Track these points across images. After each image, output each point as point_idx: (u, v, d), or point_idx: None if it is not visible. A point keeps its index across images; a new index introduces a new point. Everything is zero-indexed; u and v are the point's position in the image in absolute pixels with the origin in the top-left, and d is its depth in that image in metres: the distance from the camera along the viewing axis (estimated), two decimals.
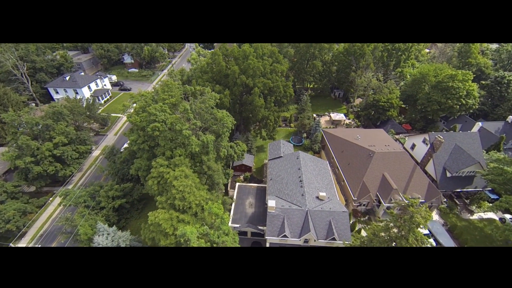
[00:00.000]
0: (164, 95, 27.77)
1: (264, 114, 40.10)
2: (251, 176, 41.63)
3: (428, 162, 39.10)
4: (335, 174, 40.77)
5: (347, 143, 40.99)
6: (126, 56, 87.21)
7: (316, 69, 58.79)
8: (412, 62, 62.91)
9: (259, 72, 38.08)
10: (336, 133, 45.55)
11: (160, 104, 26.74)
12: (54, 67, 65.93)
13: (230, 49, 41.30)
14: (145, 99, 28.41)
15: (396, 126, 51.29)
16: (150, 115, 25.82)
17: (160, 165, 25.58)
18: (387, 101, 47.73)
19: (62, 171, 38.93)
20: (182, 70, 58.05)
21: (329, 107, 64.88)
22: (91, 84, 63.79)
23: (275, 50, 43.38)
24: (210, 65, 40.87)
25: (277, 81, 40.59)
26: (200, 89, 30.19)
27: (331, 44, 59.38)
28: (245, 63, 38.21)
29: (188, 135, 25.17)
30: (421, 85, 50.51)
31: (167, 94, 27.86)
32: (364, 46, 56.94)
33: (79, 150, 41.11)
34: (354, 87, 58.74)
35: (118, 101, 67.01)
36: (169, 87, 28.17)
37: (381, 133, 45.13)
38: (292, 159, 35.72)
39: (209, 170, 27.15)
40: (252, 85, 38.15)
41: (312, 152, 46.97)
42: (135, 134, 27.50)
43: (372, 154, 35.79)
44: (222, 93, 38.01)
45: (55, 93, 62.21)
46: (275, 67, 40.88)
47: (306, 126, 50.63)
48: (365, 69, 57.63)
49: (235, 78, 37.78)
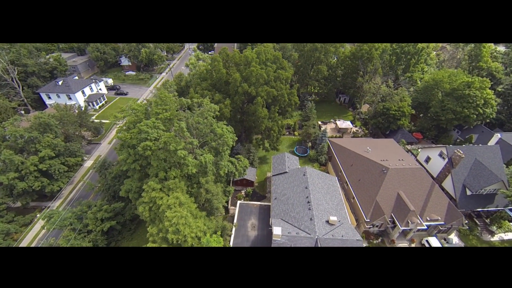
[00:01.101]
0: (158, 109, 24.83)
1: (267, 125, 37.17)
2: (253, 191, 38.71)
3: (446, 178, 36.10)
4: (343, 189, 37.81)
5: (357, 156, 38.00)
6: (123, 58, 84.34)
7: (321, 74, 55.76)
8: (422, 67, 59.81)
9: (262, 80, 35.13)
10: (344, 143, 42.57)
11: (153, 120, 23.81)
12: (46, 70, 63.08)
13: (231, 55, 38.36)
14: (136, 113, 25.46)
15: (407, 135, 48.26)
16: (141, 132, 22.90)
17: (152, 189, 22.68)
18: (398, 110, 44.71)
19: (49, 187, 36.10)
20: (180, 75, 55.17)
21: (335, 114, 61.88)
22: (85, 89, 60.93)
23: (279, 56, 40.42)
24: (209, 72, 37.92)
25: (281, 89, 37.64)
26: (198, 101, 27.21)
27: (337, 47, 56.38)
28: (247, 70, 35.26)
29: (183, 155, 22.25)
30: (433, 92, 47.46)
31: (160, 108, 24.92)
32: (372, 50, 53.94)
33: (68, 163, 38.25)
34: (361, 93, 55.73)
35: (114, 106, 64.11)
36: (163, 100, 25.23)
37: (391, 144, 42.14)
38: (298, 176, 32.77)
39: (207, 193, 24.24)
40: (255, 94, 35.22)
41: (318, 164, 44.02)
42: (124, 152, 24.58)
43: (385, 170, 32.81)
44: (222, 103, 35.09)
45: (48, 98, 59.37)
46: (279, 74, 37.92)
47: (311, 135, 47.66)
48: (373, 74, 54.62)
49: (237, 86, 34.84)
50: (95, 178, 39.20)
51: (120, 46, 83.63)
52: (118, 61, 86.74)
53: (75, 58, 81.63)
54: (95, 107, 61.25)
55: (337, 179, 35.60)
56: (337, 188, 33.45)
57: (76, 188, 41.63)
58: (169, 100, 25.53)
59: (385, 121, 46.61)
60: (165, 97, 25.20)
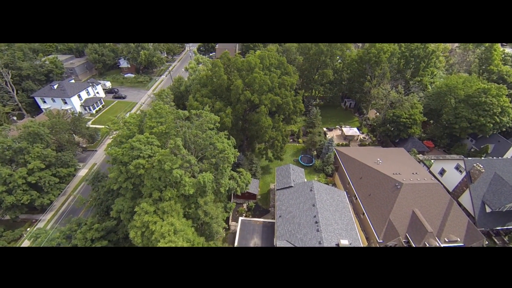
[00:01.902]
0: (152, 122, 22.55)
1: (271, 135, 34.85)
2: (256, 205, 36.41)
3: (463, 194, 33.62)
4: (351, 203, 35.43)
5: (366, 168, 35.60)
6: (122, 60, 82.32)
7: (326, 78, 53.36)
8: (432, 70, 57.24)
9: (266, 87, 32.81)
10: (352, 153, 40.17)
11: (146, 135, 21.55)
12: (42, 73, 61.08)
13: (233, 60, 36.07)
14: (129, 127, 23.20)
15: (418, 144, 45.78)
16: (134, 148, 20.64)
17: (145, 212, 20.42)
18: (409, 117, 42.24)
19: (39, 200, 33.96)
20: (180, 79, 53.05)
21: (340, 119, 59.45)
22: (82, 93, 58.87)
23: (284, 60, 38.09)
24: (209, 78, 35.65)
25: (286, 97, 35.31)
26: (197, 112, 24.90)
27: (344, 51, 53.97)
28: (250, 76, 32.96)
29: (179, 175, 19.96)
30: (446, 98, 44.95)
31: (155, 121, 22.64)
32: (381, 53, 51.49)
33: (60, 174, 36.09)
34: (368, 98, 53.30)
35: (111, 110, 62.04)
36: (158, 112, 22.94)
37: (402, 154, 39.70)
38: (304, 191, 30.43)
39: (205, 216, 21.96)
40: (258, 102, 32.90)
41: (324, 174, 41.64)
42: (115, 169, 22.33)
43: (399, 185, 30.40)
44: (223, 111, 32.81)
45: (43, 102, 57.38)
46: (284, 80, 35.58)
47: (316, 143, 45.28)
48: (381, 79, 52.16)
49: (238, 94, 32.54)
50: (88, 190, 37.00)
51: (119, 47, 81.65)
52: (117, 63, 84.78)
53: (73, 60, 79.74)
54: (91, 111, 59.19)
55: (346, 194, 33.20)
56: (346, 204, 31.07)
57: (69, 200, 39.50)
58: (165, 112, 23.24)
59: (395, 129, 44.14)
60: (160, 109, 22.93)
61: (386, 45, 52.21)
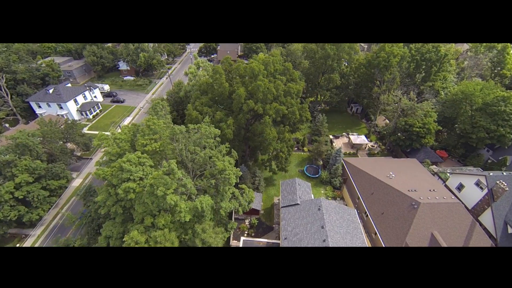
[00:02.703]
0: (144, 139, 20.21)
1: (276, 147, 32.44)
2: (259, 221, 34.01)
3: (484, 212, 30.97)
4: (361, 219, 32.91)
5: (378, 182, 33.05)
6: (121, 62, 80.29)
7: (333, 83, 50.82)
8: (444, 75, 54.42)
9: (270, 96, 30.39)
10: (361, 165, 37.61)
11: (138, 154, 19.22)
12: (38, 77, 59.10)
13: (235, 66, 33.67)
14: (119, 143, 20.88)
15: (430, 154, 43.11)
16: (123, 170, 18.32)
17: (135, 242, 18.08)
18: (423, 127, 39.57)
19: (27, 215, 31.82)
20: (180, 84, 50.83)
21: (347, 125, 56.85)
22: (78, 97, 56.81)
23: (290, 66, 35.63)
24: (210, 85, 33.30)
25: (292, 106, 32.86)
26: (195, 127, 22.48)
27: (351, 54, 51.38)
28: (254, 84, 30.53)
29: (174, 201, 17.61)
30: (462, 105, 42.22)
31: (148, 138, 20.30)
32: (391, 57, 48.87)
33: (50, 187, 33.92)
34: (377, 104, 50.64)
35: (109, 115, 59.99)
36: (152, 129, 20.58)
37: (415, 166, 37.12)
38: (312, 210, 27.98)
39: (204, 245, 19.57)
40: (262, 112, 30.48)
41: (331, 187, 39.12)
42: (103, 191, 20.04)
43: (416, 205, 27.83)
44: (224, 122, 30.44)
45: (38, 107, 55.41)
46: (290, 87, 33.13)
47: (323, 153, 42.76)
48: (391, 84, 49.52)
49: (241, 103, 30.14)
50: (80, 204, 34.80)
51: (118, 49, 79.64)
52: (116, 66, 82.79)
53: (71, 62, 77.80)
54: (88, 116, 57.13)
55: (356, 212, 30.66)
56: (358, 225, 28.55)
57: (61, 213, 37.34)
58: (159, 128, 20.89)
59: (406, 138, 41.48)
60: (153, 124, 20.57)
61: (396, 48, 49.63)
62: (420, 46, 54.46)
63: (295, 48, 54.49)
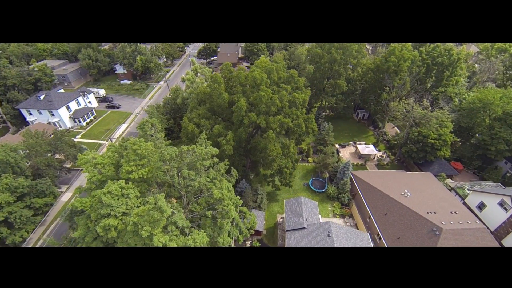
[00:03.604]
0: (129, 166, 17.41)
1: (280, 163, 29.63)
2: (261, 243, 31.19)
3: (508, 236, 28.03)
4: (373, 241, 30.01)
5: (392, 202, 30.15)
6: (118, 65, 77.66)
7: (339, 89, 47.93)
8: (457, 79, 51.38)
9: (274, 109, 27.58)
10: (372, 180, 34.72)
11: (122, 184, 16.44)
12: (29, 82, 56.53)
13: (235, 74, 30.86)
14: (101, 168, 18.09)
15: (445, 166, 40.16)
16: (102, 204, 15.54)
17: None
18: (438, 138, 36.60)
19: (10, 238, 29.14)
20: (177, 90, 48.14)
21: (353, 133, 53.92)
22: (71, 103, 54.17)
23: (295, 73, 32.77)
24: (208, 95, 30.52)
25: (298, 118, 30.02)
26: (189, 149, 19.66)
27: (359, 59, 48.48)
28: (256, 95, 27.74)
29: (162, 243, 14.80)
30: (479, 115, 39.24)
31: (133, 164, 17.50)
32: (401, 62, 45.96)
33: (35, 205, 31.24)
34: (386, 111, 47.73)
35: (104, 122, 57.32)
36: (138, 153, 17.77)
37: (430, 181, 34.24)
38: (321, 236, 25.13)
39: None
40: (265, 125, 27.65)
41: (339, 203, 36.24)
42: (81, 224, 17.30)
43: (437, 231, 24.92)
44: (223, 137, 27.65)
45: (28, 114, 52.81)
46: (295, 97, 30.28)
47: (329, 165, 39.88)
48: (401, 90, 46.60)
49: (242, 116, 27.33)
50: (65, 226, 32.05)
51: (115, 52, 77.01)
52: (113, 69, 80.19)
53: (66, 66, 75.28)
54: (81, 123, 54.49)
55: (369, 236, 27.77)
56: None
57: (47, 231, 34.67)
58: (147, 152, 18.08)
59: (420, 150, 38.51)
60: (140, 148, 17.74)
61: (406, 52, 46.72)
62: (431, 49, 51.52)
63: (299, 52, 51.62)
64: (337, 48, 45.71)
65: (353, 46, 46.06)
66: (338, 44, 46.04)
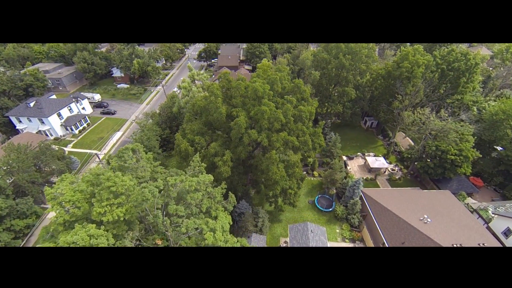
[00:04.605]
0: (101, 207, 14.24)
1: (284, 186, 26.47)
2: None
3: None
4: None
5: (410, 229, 26.84)
6: (115, 69, 74.99)
7: (347, 97, 44.60)
8: (474, 86, 47.72)
9: (278, 125, 24.42)
10: (385, 200, 31.45)
11: (92, 230, 13.35)
12: (20, 88, 53.97)
13: (235, 84, 27.73)
14: (68, 209, 15.00)
15: (464, 183, 36.67)
16: None
17: None
18: (459, 154, 33.12)
19: None
20: (173, 97, 45.20)
21: (361, 143, 50.52)
22: (63, 110, 51.45)
23: (301, 83, 29.54)
24: (204, 108, 27.45)
25: (304, 134, 26.83)
26: (176, 181, 16.43)
27: (369, 64, 45.10)
28: (257, 109, 24.60)
29: None
30: (502, 127, 35.70)
31: (106, 204, 14.32)
32: (414, 67, 42.51)
33: (15, 227, 28.47)
34: (398, 121, 44.30)
35: (97, 129, 54.57)
36: (112, 191, 14.60)
37: (451, 202, 30.92)
38: None
39: None
40: (267, 144, 24.49)
41: (348, 225, 32.98)
42: None
43: None
44: (219, 156, 24.57)
45: (18, 122, 50.23)
46: (301, 111, 27.06)
47: (337, 181, 36.60)
48: (414, 98, 43.11)
49: (241, 133, 24.20)
50: None
51: (111, 55, 74.31)
52: (110, 72, 77.54)
53: (61, 69, 72.72)
54: (74, 131, 51.77)
55: None
56: None
57: None
58: (123, 189, 14.89)
59: (438, 166, 35.04)
60: (114, 185, 14.54)
61: (420, 57, 43.26)
62: (446, 53, 47.97)
63: (303, 57, 48.31)
64: (345, 53, 42.39)
65: (363, 51, 42.72)
66: (346, 48, 42.75)
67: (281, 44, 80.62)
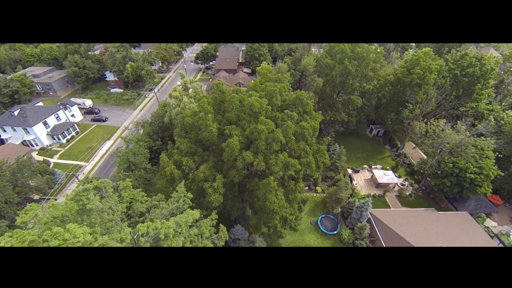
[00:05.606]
0: None
1: (283, 215, 23.23)
2: None
3: None
4: None
5: None
6: (108, 72, 71.95)
7: (353, 105, 41.29)
8: (489, 92, 44.27)
9: (277, 146, 21.17)
10: (397, 225, 28.21)
11: None
12: (6, 95, 51.01)
13: (228, 98, 24.48)
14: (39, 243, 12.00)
15: (483, 202, 33.33)
16: None
17: None
18: (479, 172, 29.73)
19: None
20: (165, 106, 42.09)
21: (367, 153, 47.16)
22: (50, 118, 48.40)
23: (303, 95, 26.27)
24: (193, 125, 24.25)
25: (307, 155, 23.57)
26: (150, 228, 13.22)
27: (377, 70, 41.75)
28: (252, 127, 21.37)
29: None
30: None
31: None
32: (426, 73, 39.19)
33: None
34: (406, 130, 40.98)
35: (87, 138, 51.51)
36: (78, 239, 11.23)
37: (470, 226, 27.71)
38: None
39: None
40: (264, 168, 21.24)
41: None
42: None
43: None
44: (209, 182, 21.38)
45: (3, 131, 47.23)
46: (303, 127, 23.76)
47: (342, 200, 33.32)
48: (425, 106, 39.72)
49: (234, 156, 20.96)
50: None
51: (104, 58, 71.23)
52: (104, 76, 74.51)
53: (52, 73, 69.67)
54: (61, 141, 48.73)
55: None
56: None
57: None
58: (81, 243, 11.64)
59: (455, 184, 31.66)
60: (64, 242, 11.15)
61: (432, 62, 39.93)
62: (459, 57, 44.58)
63: (305, 62, 44.97)
64: (351, 58, 39.07)
65: (370, 56, 39.38)
66: (352, 53, 39.45)
67: (282, 46, 77.25)
